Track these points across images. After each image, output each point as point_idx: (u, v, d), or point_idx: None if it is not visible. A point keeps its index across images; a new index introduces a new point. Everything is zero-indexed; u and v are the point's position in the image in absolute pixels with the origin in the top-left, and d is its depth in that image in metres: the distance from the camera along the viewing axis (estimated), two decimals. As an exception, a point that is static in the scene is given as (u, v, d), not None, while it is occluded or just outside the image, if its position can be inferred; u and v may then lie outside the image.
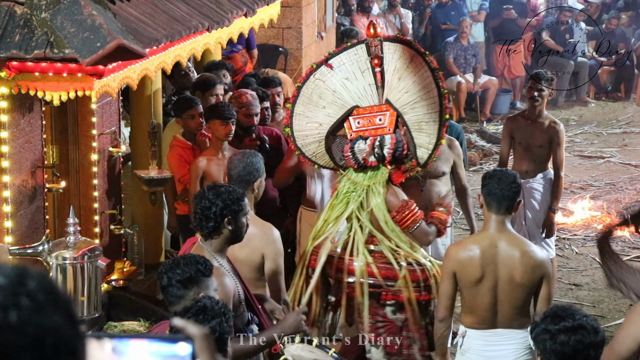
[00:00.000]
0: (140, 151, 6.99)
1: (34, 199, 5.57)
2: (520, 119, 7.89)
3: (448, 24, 15.39)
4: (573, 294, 8.47)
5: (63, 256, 5.17)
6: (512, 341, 5.13)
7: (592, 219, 10.43)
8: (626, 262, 5.98)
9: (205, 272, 3.97)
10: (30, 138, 5.48)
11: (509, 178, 5.06)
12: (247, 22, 6.99)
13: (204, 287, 3.92)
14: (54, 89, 4.72)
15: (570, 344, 3.25)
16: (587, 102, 15.61)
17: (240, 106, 7.22)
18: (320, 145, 6.01)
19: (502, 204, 5.04)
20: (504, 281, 5.05)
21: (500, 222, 5.07)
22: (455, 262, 5.08)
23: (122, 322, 5.79)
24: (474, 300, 5.10)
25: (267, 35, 11.42)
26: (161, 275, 3.96)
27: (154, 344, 1.99)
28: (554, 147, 7.70)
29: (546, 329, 3.30)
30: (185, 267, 3.94)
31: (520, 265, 5.02)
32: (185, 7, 5.72)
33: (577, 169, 12.23)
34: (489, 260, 5.03)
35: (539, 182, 7.78)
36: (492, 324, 5.13)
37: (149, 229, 7.15)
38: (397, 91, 5.91)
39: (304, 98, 6.01)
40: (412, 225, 5.83)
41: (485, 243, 5.05)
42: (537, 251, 5.13)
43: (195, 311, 3.57)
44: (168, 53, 5.56)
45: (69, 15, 4.50)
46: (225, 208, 4.49)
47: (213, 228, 4.51)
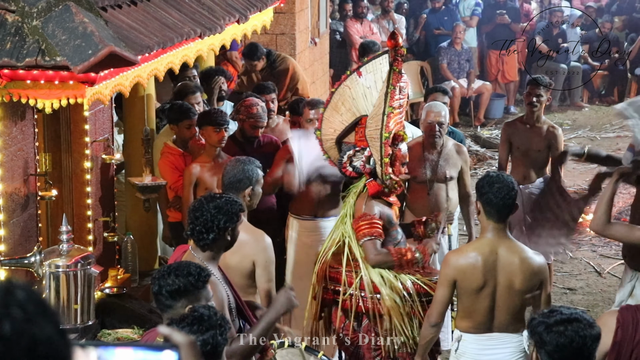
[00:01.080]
0: (134, 158, 6.98)
1: (26, 207, 5.56)
2: (518, 124, 7.89)
3: (441, 29, 15.41)
4: (567, 298, 8.47)
5: (56, 264, 5.16)
6: (507, 345, 5.13)
7: (585, 223, 10.43)
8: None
9: (197, 284, 3.86)
10: (22, 146, 5.47)
11: (508, 186, 4.99)
12: (240, 29, 6.99)
13: (194, 299, 3.84)
14: (45, 97, 4.71)
15: (566, 334, 3.28)
16: (581, 106, 15.63)
17: (249, 116, 7.22)
18: (335, 151, 6.07)
19: (502, 212, 5.02)
20: (503, 287, 5.04)
21: (500, 229, 5.06)
22: (456, 270, 5.06)
23: (115, 329, 5.78)
24: (472, 306, 5.10)
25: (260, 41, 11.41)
26: (153, 282, 3.93)
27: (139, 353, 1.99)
28: (553, 151, 7.71)
29: (542, 321, 3.35)
30: (177, 277, 3.85)
31: (520, 272, 5.01)
32: (178, 14, 5.72)
33: (571, 174, 12.24)
34: (490, 267, 5.02)
35: (537, 187, 7.78)
36: (487, 328, 5.12)
37: (143, 236, 7.14)
38: (372, 103, 5.91)
39: (332, 103, 6.04)
40: (359, 237, 5.75)
41: (485, 250, 5.03)
42: (535, 257, 5.12)
43: (190, 320, 3.52)
44: (160, 60, 5.56)
45: (60, 23, 4.50)
46: (228, 221, 4.49)
47: (213, 240, 4.50)
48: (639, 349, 3.94)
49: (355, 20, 14.22)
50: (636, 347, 3.94)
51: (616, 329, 3.94)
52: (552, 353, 3.31)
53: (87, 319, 5.25)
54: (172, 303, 3.83)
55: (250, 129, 7.24)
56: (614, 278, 8.93)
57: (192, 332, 3.43)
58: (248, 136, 7.27)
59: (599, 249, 9.71)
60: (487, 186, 5.02)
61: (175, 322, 3.54)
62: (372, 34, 14.20)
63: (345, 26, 14.25)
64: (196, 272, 3.89)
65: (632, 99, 6.79)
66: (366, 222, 5.75)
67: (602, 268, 9.16)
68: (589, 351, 3.32)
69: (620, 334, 3.94)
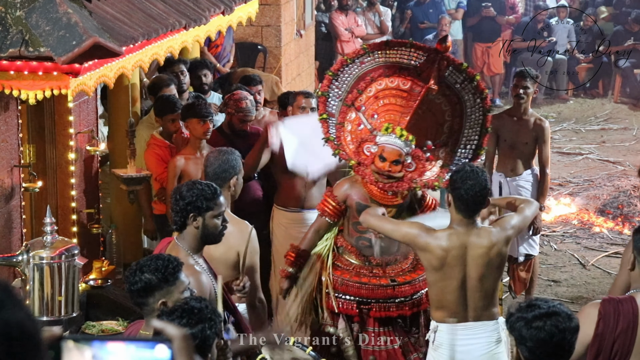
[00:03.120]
0: (119, 150, 6.96)
1: (10, 199, 5.54)
2: (505, 117, 7.90)
3: (426, 22, 15.41)
4: (552, 290, 8.50)
5: (40, 256, 5.13)
6: (484, 334, 5.15)
7: (570, 215, 10.47)
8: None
9: (165, 279, 3.76)
10: (6, 137, 5.45)
11: (481, 184, 4.98)
12: (225, 20, 6.97)
13: (165, 293, 3.75)
14: (29, 88, 4.69)
15: (546, 329, 3.29)
16: (566, 99, 15.67)
17: (238, 110, 7.20)
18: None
19: (471, 209, 5.03)
20: (474, 279, 5.06)
21: (468, 223, 5.07)
22: (422, 238, 5.07)
23: (100, 321, 5.77)
24: (442, 296, 5.11)
25: (245, 33, 11.40)
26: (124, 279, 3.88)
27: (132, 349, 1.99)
28: (540, 144, 7.73)
29: (521, 316, 3.34)
30: (143, 274, 3.76)
31: (490, 254, 5.03)
32: (162, 5, 5.70)
33: (556, 166, 12.27)
34: (459, 260, 5.03)
35: (525, 179, 7.80)
36: (463, 317, 5.13)
37: (127, 228, 7.13)
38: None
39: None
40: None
41: (455, 243, 5.03)
42: (501, 231, 5.10)
43: (180, 313, 3.47)
44: (145, 51, 5.53)
45: (44, 14, 4.48)
46: (190, 204, 4.41)
47: (180, 223, 4.47)
48: (620, 340, 3.96)
49: (340, 12, 14.20)
50: (617, 339, 3.96)
51: (598, 320, 3.95)
52: (533, 349, 3.31)
53: (72, 311, 5.23)
54: (144, 300, 3.77)
55: (239, 122, 7.22)
56: (598, 270, 8.97)
57: (181, 324, 3.38)
58: (237, 130, 7.25)
59: (583, 241, 9.74)
60: (460, 181, 5.00)
61: (165, 314, 3.50)
62: (357, 26, 14.19)
63: (330, 18, 14.24)
64: (163, 266, 3.77)
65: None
66: (323, 198, 5.98)
67: (586, 260, 9.20)
68: (569, 344, 3.33)
69: (602, 326, 3.95)
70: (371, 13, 14.80)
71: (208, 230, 4.47)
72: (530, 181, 7.79)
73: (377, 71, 5.92)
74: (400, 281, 5.81)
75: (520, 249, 7.81)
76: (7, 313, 1.73)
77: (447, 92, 5.88)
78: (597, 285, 8.64)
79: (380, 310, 5.79)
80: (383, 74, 5.91)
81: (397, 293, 5.79)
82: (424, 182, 5.71)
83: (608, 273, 8.86)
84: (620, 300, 4.05)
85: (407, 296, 5.81)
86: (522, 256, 7.86)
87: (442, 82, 5.81)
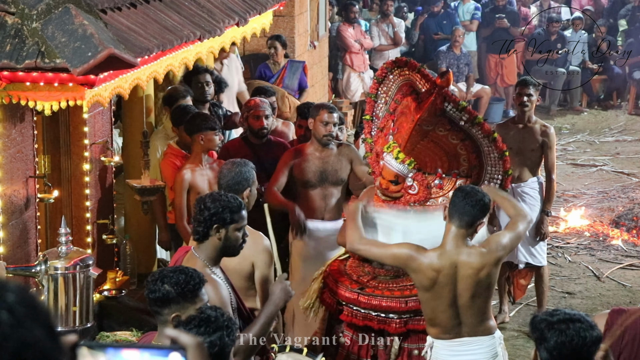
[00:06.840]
0: (133, 160, 6.98)
1: (25, 209, 5.56)
2: (510, 125, 7.91)
3: (440, 33, 15.42)
4: (566, 302, 8.46)
5: (55, 266, 5.15)
6: (479, 349, 5.12)
7: (584, 227, 10.44)
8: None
9: (185, 294, 3.74)
10: (21, 148, 5.47)
11: (477, 195, 4.98)
12: (239, 32, 7.00)
13: (181, 307, 3.73)
14: (45, 99, 4.71)
15: (568, 333, 3.33)
16: (580, 110, 15.64)
17: (249, 109, 7.22)
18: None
19: (462, 218, 4.98)
20: (465, 298, 5.03)
21: (459, 236, 4.99)
22: (411, 258, 5.01)
23: (114, 332, 5.79)
24: (435, 314, 5.09)
25: (259, 44, 11.43)
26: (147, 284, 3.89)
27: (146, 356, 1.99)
28: (545, 150, 7.74)
29: (545, 318, 3.38)
30: (163, 285, 3.75)
31: (479, 277, 4.99)
32: (177, 17, 5.72)
33: (570, 177, 12.24)
34: (449, 279, 5.00)
35: (530, 186, 7.80)
36: (457, 333, 5.11)
37: (142, 239, 7.14)
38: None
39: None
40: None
41: (445, 263, 4.98)
42: (492, 251, 5.06)
43: (197, 322, 3.47)
44: (160, 62, 5.56)
45: (60, 25, 4.50)
46: (215, 215, 4.44)
47: (202, 234, 4.48)
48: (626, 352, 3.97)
49: (348, 25, 14.22)
50: (623, 350, 3.98)
51: (604, 331, 3.96)
52: (552, 350, 3.33)
53: (86, 321, 5.24)
54: (159, 309, 3.77)
55: (254, 120, 7.23)
56: (613, 282, 8.93)
57: (199, 333, 3.39)
58: (255, 131, 7.25)
59: (598, 253, 9.71)
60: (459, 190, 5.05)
61: (182, 323, 3.52)
62: (365, 38, 14.21)
63: (339, 30, 14.25)
64: (184, 281, 3.75)
65: None
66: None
67: (600, 272, 9.16)
68: (588, 352, 3.34)
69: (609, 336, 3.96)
70: (385, 24, 14.82)
71: (229, 243, 4.48)
72: (536, 189, 7.78)
73: (406, 86, 5.95)
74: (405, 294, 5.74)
75: (520, 257, 7.79)
76: (24, 332, 1.63)
77: (448, 126, 5.79)
78: (612, 297, 8.60)
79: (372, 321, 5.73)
80: (407, 92, 5.92)
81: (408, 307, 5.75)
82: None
83: (622, 285, 8.83)
84: (628, 311, 4.06)
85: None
86: (522, 264, 7.85)
87: (443, 116, 5.76)
